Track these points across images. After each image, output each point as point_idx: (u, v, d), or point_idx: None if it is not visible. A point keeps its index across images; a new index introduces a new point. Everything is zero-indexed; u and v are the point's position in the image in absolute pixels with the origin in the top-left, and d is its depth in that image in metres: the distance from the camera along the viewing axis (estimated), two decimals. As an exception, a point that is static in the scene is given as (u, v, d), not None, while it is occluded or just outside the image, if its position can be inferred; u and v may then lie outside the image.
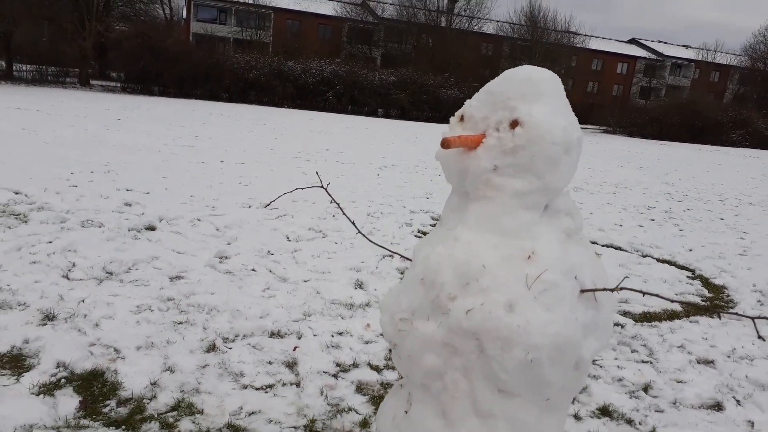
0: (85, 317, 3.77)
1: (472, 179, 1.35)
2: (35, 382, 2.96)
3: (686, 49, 73.01)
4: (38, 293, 4.05)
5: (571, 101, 5.97)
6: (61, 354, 3.23)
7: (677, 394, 3.58)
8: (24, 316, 3.69)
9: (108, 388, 3.01)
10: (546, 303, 1.26)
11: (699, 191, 14.44)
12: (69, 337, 3.48)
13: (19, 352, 3.26)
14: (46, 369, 3.10)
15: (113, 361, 3.27)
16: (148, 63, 33.41)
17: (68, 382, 3.01)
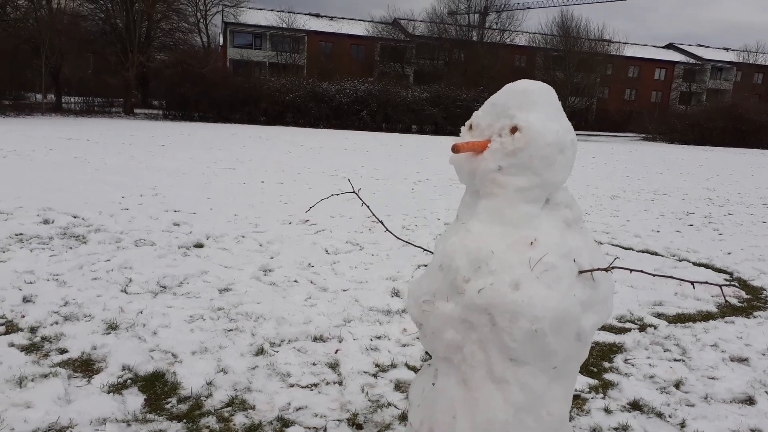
0: (143, 326, 4.10)
1: (480, 178, 1.58)
2: (105, 383, 3.27)
3: (726, 52, 71.40)
4: (101, 306, 4.41)
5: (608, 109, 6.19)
6: (126, 358, 3.55)
7: (708, 390, 3.66)
8: (90, 326, 4.04)
9: (168, 387, 3.30)
10: (546, 281, 1.47)
11: (741, 195, 14.17)
12: (131, 343, 3.80)
13: (88, 357, 3.60)
14: (113, 371, 3.42)
15: (172, 364, 3.57)
16: (188, 90, 34.66)
17: (133, 383, 3.32)
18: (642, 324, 4.80)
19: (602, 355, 4.13)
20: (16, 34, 34.04)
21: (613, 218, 9.78)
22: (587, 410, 3.32)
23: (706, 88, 67.30)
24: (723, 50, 72.51)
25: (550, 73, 53.83)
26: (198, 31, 53.01)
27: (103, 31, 39.43)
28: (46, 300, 4.46)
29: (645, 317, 4.94)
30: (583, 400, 3.45)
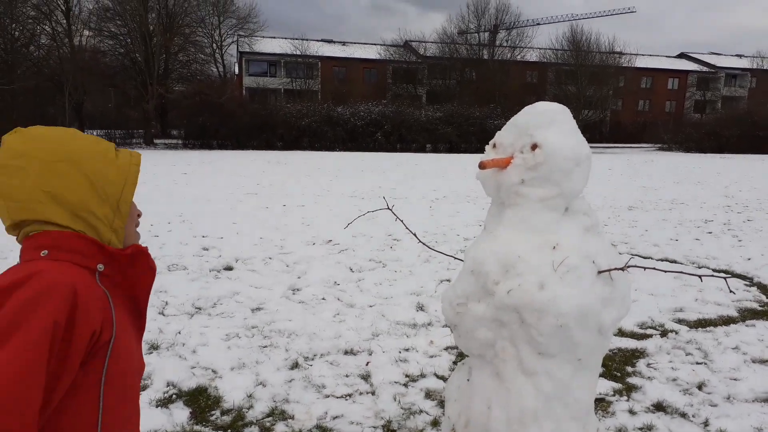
0: (183, 345, 4.30)
1: (506, 191, 1.76)
2: (152, 398, 3.47)
3: (740, 59, 71.06)
4: (141, 328, 4.62)
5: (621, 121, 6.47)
6: (169, 375, 3.75)
7: (731, 390, 3.76)
8: (133, 347, 4.25)
9: (212, 401, 3.49)
10: (569, 281, 1.64)
11: (761, 201, 14.11)
12: (173, 362, 4.00)
13: (134, 375, 3.80)
14: (158, 387, 3.62)
15: (213, 379, 3.77)
16: (206, 119, 35.35)
17: (178, 398, 3.52)
18: (663, 330, 4.90)
19: (625, 360, 4.24)
20: (40, 72, 35.14)
21: (632, 228, 9.86)
22: (612, 412, 3.45)
23: (721, 96, 66.91)
24: (736, 57, 72.21)
25: (562, 87, 54.04)
26: (214, 61, 54.20)
27: (123, 65, 40.56)
28: (90, 324, 4.68)
29: (666, 323, 5.04)
30: (608, 402, 3.57)
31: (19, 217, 1.07)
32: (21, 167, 1.05)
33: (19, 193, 1.05)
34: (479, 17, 57.52)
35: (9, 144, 1.08)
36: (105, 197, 1.12)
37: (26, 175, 1.05)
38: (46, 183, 1.06)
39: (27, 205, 1.06)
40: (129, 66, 39.99)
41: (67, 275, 1.01)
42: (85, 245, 1.08)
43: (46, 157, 1.07)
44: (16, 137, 1.09)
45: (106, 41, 40.62)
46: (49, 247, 1.06)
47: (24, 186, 1.05)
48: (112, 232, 1.13)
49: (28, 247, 1.07)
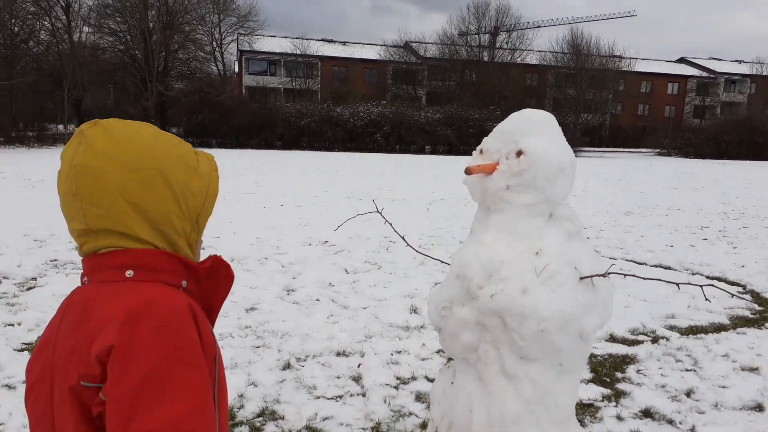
0: (176, 344, 4.32)
1: (491, 196, 1.79)
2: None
3: (739, 64, 71.20)
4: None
5: (621, 125, 6.58)
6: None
7: (719, 397, 3.79)
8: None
9: (203, 399, 3.51)
10: (551, 287, 1.66)
11: (757, 209, 14.14)
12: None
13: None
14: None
15: (204, 378, 3.78)
16: (206, 117, 35.42)
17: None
18: (655, 336, 4.93)
19: (615, 366, 4.27)
20: (39, 68, 35.14)
21: (627, 234, 9.89)
22: (600, 417, 3.47)
23: (720, 101, 67.03)
24: (736, 63, 72.35)
25: (562, 90, 54.16)
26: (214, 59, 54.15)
27: (122, 62, 40.61)
28: (83, 321, 4.70)
29: (657, 329, 5.07)
30: (596, 408, 3.60)
31: (98, 226, 0.97)
32: (102, 169, 0.96)
33: (100, 199, 0.96)
34: (479, 19, 57.63)
35: (91, 140, 0.98)
36: (186, 210, 1.03)
37: (107, 180, 0.96)
38: (129, 192, 0.96)
39: (111, 213, 0.96)
40: (128, 63, 40.05)
41: (177, 298, 0.95)
42: (171, 263, 1.00)
43: (132, 162, 0.97)
44: (98, 132, 0.99)
45: (106, 38, 40.67)
46: (134, 267, 0.96)
47: (104, 192, 0.95)
48: (188, 246, 1.05)
49: (106, 266, 0.97)
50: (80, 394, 0.89)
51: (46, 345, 0.99)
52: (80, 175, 0.95)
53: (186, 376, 0.88)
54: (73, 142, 0.99)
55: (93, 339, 0.90)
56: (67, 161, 0.98)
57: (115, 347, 0.87)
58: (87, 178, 0.95)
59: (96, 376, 0.88)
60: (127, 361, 0.86)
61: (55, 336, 0.98)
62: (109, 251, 0.97)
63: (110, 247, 0.97)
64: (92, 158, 0.96)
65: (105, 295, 0.95)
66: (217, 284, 1.07)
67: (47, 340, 1.00)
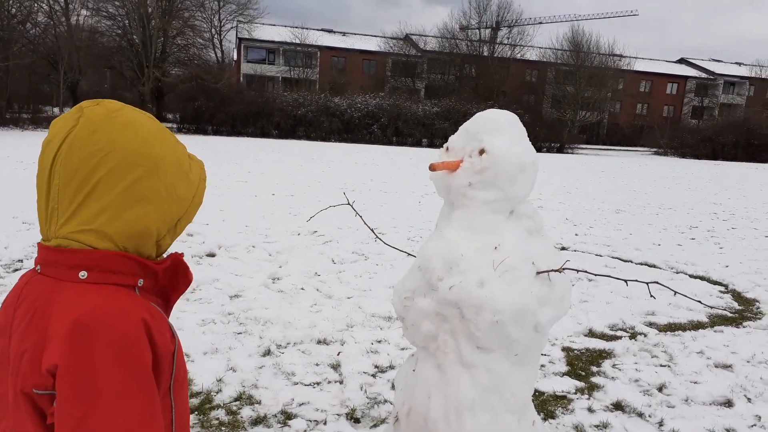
0: (159, 329, 4.37)
1: (454, 193, 1.84)
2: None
3: (739, 66, 71.26)
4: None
5: (619, 123, 6.70)
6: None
7: (689, 393, 3.87)
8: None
9: (182, 383, 3.57)
10: (507, 280, 1.72)
11: (748, 210, 14.24)
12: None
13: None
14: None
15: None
16: (202, 104, 35.32)
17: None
18: (633, 332, 5.01)
19: (591, 360, 4.34)
20: (35, 50, 34.94)
21: (616, 232, 9.97)
22: (571, 409, 3.55)
23: (719, 103, 67.12)
24: (735, 65, 72.41)
25: (561, 87, 54.10)
26: (212, 46, 53.91)
27: (120, 46, 40.38)
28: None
29: (636, 326, 5.15)
30: (569, 400, 3.67)
31: (68, 208, 0.92)
32: (94, 155, 0.91)
33: (82, 183, 0.92)
34: (481, 13, 57.47)
35: (90, 120, 0.93)
36: (167, 214, 0.99)
37: (97, 169, 0.92)
38: (115, 186, 0.93)
39: (86, 202, 0.92)
40: (126, 47, 39.84)
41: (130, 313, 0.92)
42: (128, 265, 0.95)
43: (125, 156, 0.93)
44: (99, 115, 0.94)
45: (104, 21, 40.44)
46: (89, 269, 0.92)
47: (89, 177, 0.92)
48: (155, 247, 1.01)
49: (62, 264, 0.93)
50: (35, 400, 0.89)
51: (3, 332, 0.97)
52: (71, 155, 0.91)
53: (134, 403, 0.87)
54: (70, 117, 0.94)
55: (43, 350, 0.88)
56: (59, 135, 0.93)
57: (61, 366, 0.85)
58: (77, 161, 0.91)
59: (48, 386, 0.87)
60: (76, 382, 0.85)
61: (11, 326, 0.96)
62: (68, 249, 0.93)
63: (69, 239, 0.93)
64: (88, 142, 0.91)
65: (58, 298, 0.92)
66: (175, 282, 1.05)
67: (3, 327, 0.98)
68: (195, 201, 1.05)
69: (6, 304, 1.00)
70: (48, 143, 0.94)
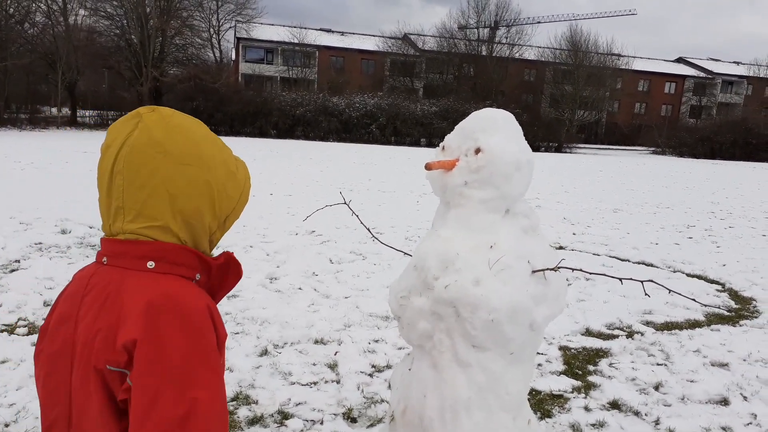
0: (156, 329, 4.37)
1: (450, 192, 1.85)
2: (120, 378, 3.54)
3: (737, 66, 71.34)
4: (116, 310, 4.69)
5: (617, 122, 6.73)
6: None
7: (686, 391, 3.88)
8: (106, 328, 4.32)
9: (179, 383, 3.57)
10: (503, 279, 1.72)
11: (745, 209, 14.25)
12: (144, 344, 4.07)
13: (105, 356, 3.88)
14: (128, 368, 3.69)
15: (182, 362, 3.84)
16: (200, 104, 35.29)
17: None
18: (630, 331, 5.02)
19: (588, 359, 4.35)
20: (33, 50, 34.88)
21: (614, 231, 9.98)
22: (568, 408, 3.55)
23: (717, 102, 67.19)
24: (734, 64, 72.49)
25: (559, 87, 54.13)
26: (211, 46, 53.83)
27: (118, 46, 40.31)
28: (66, 304, 4.74)
29: (634, 324, 5.16)
30: (566, 399, 3.68)
31: (135, 207, 1.01)
32: (154, 157, 1.00)
33: (144, 184, 1.00)
34: (479, 13, 57.47)
35: (149, 126, 1.02)
36: (218, 210, 1.09)
37: (157, 167, 1.00)
38: (173, 184, 1.01)
39: (150, 199, 1.00)
40: (124, 47, 39.77)
41: (197, 298, 1.01)
42: (190, 258, 1.05)
43: (182, 158, 1.02)
44: (156, 120, 1.02)
45: (102, 21, 40.34)
46: (156, 259, 1.01)
47: (151, 179, 1.00)
48: (208, 243, 1.11)
49: (130, 254, 1.01)
50: (106, 377, 0.95)
51: (66, 321, 1.03)
52: (133, 156, 0.99)
53: (205, 372, 0.95)
54: (129, 122, 1.02)
55: (119, 327, 0.95)
56: (119, 139, 1.01)
57: (140, 341, 0.93)
58: (138, 162, 0.99)
59: (121, 362, 0.94)
60: (152, 355, 0.93)
61: (76, 314, 1.02)
62: (134, 240, 1.01)
63: (136, 234, 1.01)
64: (148, 145, 1.00)
65: (129, 284, 0.99)
66: (226, 279, 1.14)
67: (67, 316, 1.04)
68: (242, 199, 1.15)
69: (68, 295, 1.07)
70: (107, 147, 1.03)
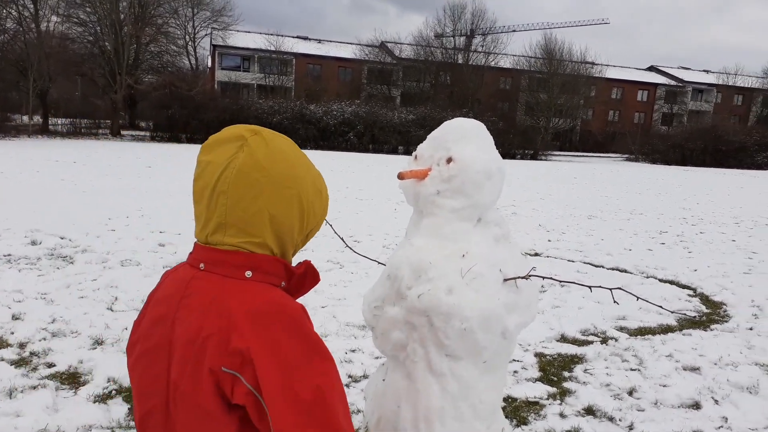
0: (129, 341, 4.30)
1: (423, 201, 1.85)
2: (91, 394, 3.47)
3: (707, 74, 73.00)
4: (87, 323, 4.61)
5: (591, 130, 6.85)
6: (111, 371, 3.75)
7: (659, 396, 3.93)
8: (77, 342, 4.24)
9: (152, 396, 3.51)
10: (475, 287, 1.73)
11: (716, 215, 14.54)
12: (116, 358, 4.00)
13: (75, 371, 3.80)
14: (99, 383, 3.62)
15: (155, 375, 3.77)
16: (176, 112, 34.97)
17: (118, 393, 3.52)
18: (604, 337, 5.08)
19: (564, 366, 4.39)
20: (4, 57, 34.22)
21: (588, 237, 10.11)
22: (543, 415, 3.57)
23: (688, 110, 68.63)
24: (704, 72, 74.16)
25: (534, 94, 54.80)
26: (186, 53, 53.45)
27: (91, 53, 39.71)
28: (35, 317, 4.65)
29: (608, 330, 5.22)
30: (541, 405, 3.70)
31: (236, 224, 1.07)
32: (260, 182, 1.06)
33: (249, 205, 1.06)
34: (455, 21, 58.00)
35: (254, 150, 1.08)
36: (305, 226, 1.16)
37: (262, 190, 1.06)
38: (274, 206, 1.08)
39: (252, 218, 1.07)
40: (98, 54, 39.20)
41: (294, 302, 1.09)
42: (279, 268, 1.12)
43: (282, 182, 1.08)
44: (260, 144, 1.09)
45: (75, 28, 39.76)
46: (253, 269, 1.08)
47: (256, 201, 1.06)
48: (293, 254, 1.19)
49: (229, 263, 1.08)
50: (219, 377, 1.01)
51: (163, 321, 1.10)
52: (239, 179, 1.05)
53: (320, 362, 1.03)
54: (232, 144, 1.08)
55: (230, 333, 1.01)
56: (222, 159, 1.07)
57: (257, 347, 1.00)
58: (244, 184, 1.05)
59: (235, 365, 1.00)
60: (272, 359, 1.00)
61: (174, 315, 1.08)
62: (232, 249, 1.08)
63: (233, 245, 1.08)
64: (254, 168, 1.06)
65: (232, 291, 1.06)
66: (303, 285, 1.20)
67: (163, 316, 1.10)
68: (324, 214, 1.22)
69: (165, 297, 1.13)
70: (208, 164, 1.10)
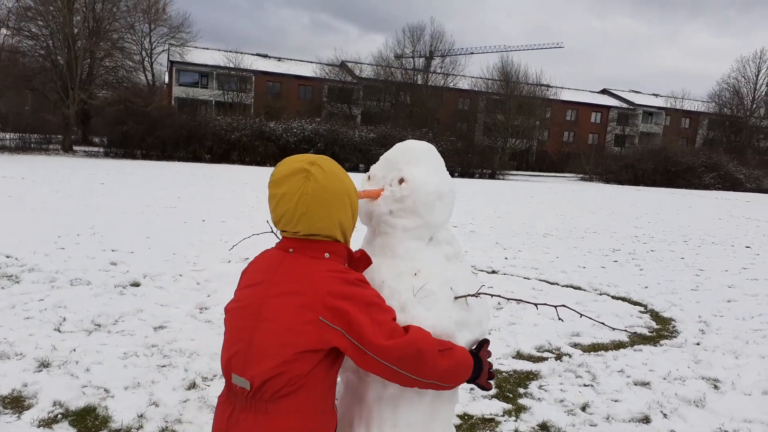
0: (76, 363, 4.15)
1: (376, 220, 1.87)
2: (35, 418, 3.33)
3: (656, 98, 75.96)
4: (33, 344, 4.43)
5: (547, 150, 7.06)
6: (57, 394, 3.61)
7: (611, 411, 4.01)
8: (21, 365, 4.07)
9: (100, 421, 3.39)
10: (426, 305, 1.75)
11: (665, 233, 15.02)
12: (63, 380, 3.86)
13: (18, 395, 3.64)
14: (43, 407, 3.48)
15: (104, 399, 3.65)
16: (131, 128, 34.27)
17: (64, 417, 3.39)
18: (559, 353, 5.16)
19: (519, 382, 4.44)
20: (-50, 69, 33.02)
21: (544, 255, 10.31)
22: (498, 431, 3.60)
23: (639, 132, 71.16)
24: (653, 96, 77.15)
25: (492, 115, 55.94)
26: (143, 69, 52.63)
27: (43, 67, 38.62)
28: (-24, 340, 4.44)
29: (562, 347, 5.31)
30: (497, 423, 3.73)
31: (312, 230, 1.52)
32: (329, 200, 1.51)
33: (324, 217, 1.51)
34: (415, 42, 58.96)
35: (317, 177, 1.49)
36: (353, 221, 1.64)
37: (332, 204, 1.52)
38: (339, 213, 1.54)
39: (326, 225, 1.53)
40: (49, 68, 38.16)
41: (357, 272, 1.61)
42: (346, 251, 1.62)
43: (339, 193, 1.54)
44: (319, 171, 1.50)
45: (26, 41, 38.60)
46: (330, 252, 1.55)
47: (329, 213, 1.52)
48: (349, 240, 1.66)
49: (314, 248, 1.54)
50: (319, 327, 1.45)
51: (260, 284, 1.55)
52: (313, 201, 1.48)
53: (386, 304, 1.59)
54: (298, 176, 1.48)
55: (323, 296, 1.45)
56: (295, 189, 1.48)
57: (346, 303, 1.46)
58: (318, 203, 1.48)
59: (328, 317, 1.45)
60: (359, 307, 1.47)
61: (271, 280, 1.52)
62: (315, 239, 1.54)
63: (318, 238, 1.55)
64: (322, 191, 1.49)
65: (319, 267, 1.51)
66: (357, 265, 1.67)
67: (260, 280, 1.55)
68: (358, 207, 1.69)
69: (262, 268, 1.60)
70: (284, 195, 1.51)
